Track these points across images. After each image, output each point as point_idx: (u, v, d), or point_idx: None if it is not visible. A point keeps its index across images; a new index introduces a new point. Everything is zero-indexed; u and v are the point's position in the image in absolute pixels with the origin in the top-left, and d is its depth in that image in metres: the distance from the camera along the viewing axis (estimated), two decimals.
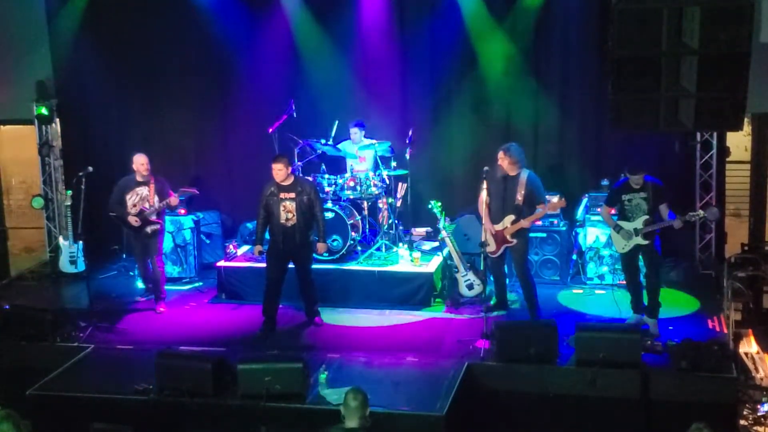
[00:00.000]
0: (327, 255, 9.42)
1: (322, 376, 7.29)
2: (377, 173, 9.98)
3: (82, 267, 10.33)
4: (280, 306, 8.95)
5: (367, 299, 9.49)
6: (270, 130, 10.04)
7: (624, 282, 8.93)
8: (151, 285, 9.76)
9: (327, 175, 10.05)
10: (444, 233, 9.46)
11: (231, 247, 10.35)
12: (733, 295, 8.94)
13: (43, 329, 8.53)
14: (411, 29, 10.78)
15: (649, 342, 7.91)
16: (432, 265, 9.67)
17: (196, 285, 10.48)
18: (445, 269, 9.73)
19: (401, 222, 10.37)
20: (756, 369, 7.91)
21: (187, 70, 11.43)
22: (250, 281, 9.70)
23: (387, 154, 10.24)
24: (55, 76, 11.56)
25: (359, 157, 10.31)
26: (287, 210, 8.65)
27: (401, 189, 10.28)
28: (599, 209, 9.37)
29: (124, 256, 10.87)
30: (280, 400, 7.05)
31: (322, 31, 10.89)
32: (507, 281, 9.17)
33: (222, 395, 7.24)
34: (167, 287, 9.86)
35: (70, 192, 10.72)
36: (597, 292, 9.75)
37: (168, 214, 10.12)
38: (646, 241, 8.35)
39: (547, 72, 10.55)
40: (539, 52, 10.53)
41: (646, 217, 8.31)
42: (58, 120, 11.71)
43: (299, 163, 10.13)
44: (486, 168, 8.57)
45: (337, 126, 10.29)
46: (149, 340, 8.64)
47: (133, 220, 9.30)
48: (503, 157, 8.56)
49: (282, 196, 8.66)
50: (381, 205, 10.11)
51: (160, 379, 7.36)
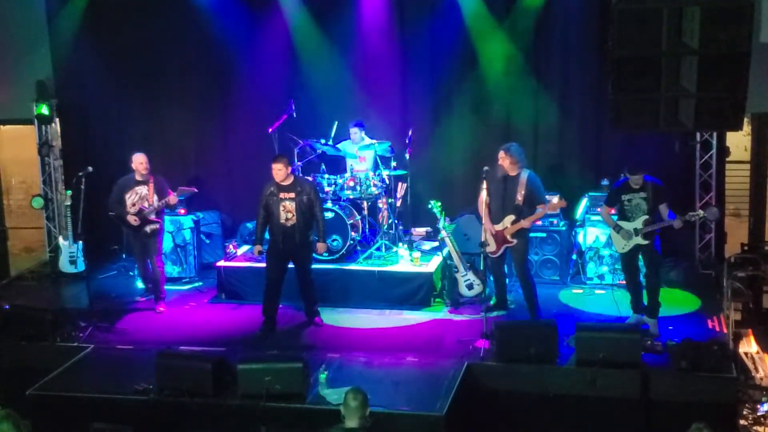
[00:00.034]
0: (327, 255, 9.42)
1: (322, 376, 7.29)
2: (377, 173, 9.98)
3: (82, 267, 10.32)
4: (280, 306, 8.94)
5: (367, 299, 9.49)
6: (270, 130, 10.04)
7: (624, 282, 8.93)
8: (151, 285, 9.76)
9: (327, 175, 10.04)
10: (444, 233, 9.46)
11: (231, 247, 10.34)
12: (732, 294, 8.94)
13: (43, 329, 8.53)
14: (411, 29, 10.78)
15: (649, 342, 7.90)
16: (432, 265, 9.68)
17: (196, 285, 10.48)
18: (445, 269, 9.72)
19: (401, 222, 10.37)
20: (756, 369, 7.91)
21: (187, 70, 11.44)
22: (250, 281, 9.70)
23: (387, 154, 10.24)
24: (55, 76, 11.55)
25: (359, 157, 10.31)
26: (287, 210, 8.64)
27: (401, 189, 10.29)
28: (599, 209, 9.37)
29: (123, 256, 10.86)
30: (280, 400, 7.04)
31: (322, 31, 10.88)
32: (507, 281, 9.17)
33: (222, 395, 7.24)
34: (167, 287, 9.86)
35: (69, 192, 10.72)
36: (597, 292, 9.74)
37: (168, 214, 10.13)
38: (645, 241, 8.35)
39: (547, 72, 10.55)
40: (539, 52, 10.53)
41: (646, 217, 8.30)
42: (57, 120, 11.70)
43: (299, 163, 10.13)
44: (486, 168, 8.56)
45: (337, 126, 10.28)
46: (149, 340, 8.64)
47: (132, 220, 9.30)
48: (504, 157, 8.56)
49: (282, 196, 8.65)
50: (381, 205, 10.11)
51: (160, 379, 7.36)
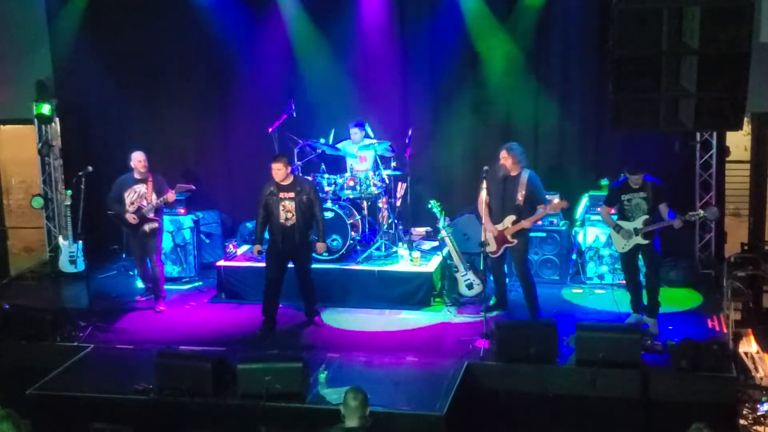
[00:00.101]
0: (327, 255, 9.42)
1: (322, 376, 7.29)
2: (377, 173, 9.98)
3: (81, 267, 10.32)
4: (280, 306, 8.94)
5: (366, 299, 9.49)
6: (270, 129, 10.04)
7: (624, 281, 8.94)
8: (151, 284, 9.76)
9: (327, 175, 10.04)
10: (444, 233, 9.46)
11: (231, 247, 10.34)
12: (732, 294, 8.93)
13: (43, 329, 8.53)
14: (411, 29, 10.77)
15: (648, 341, 7.90)
16: (432, 265, 9.67)
17: (196, 285, 10.48)
18: (445, 269, 9.72)
19: (401, 222, 10.37)
20: (756, 368, 7.91)
21: (187, 70, 11.43)
22: (250, 281, 9.70)
23: (387, 153, 10.24)
24: (55, 76, 11.54)
25: (359, 156, 10.31)
26: (286, 210, 8.64)
27: (401, 189, 10.28)
28: (599, 209, 9.37)
29: (123, 255, 10.86)
30: (280, 400, 7.05)
31: (322, 30, 10.87)
32: (507, 281, 9.17)
33: (222, 395, 7.24)
34: (167, 287, 9.86)
35: (69, 192, 10.72)
36: (597, 291, 9.75)
37: (168, 214, 10.14)
38: (645, 241, 8.35)
39: (547, 72, 10.54)
40: (539, 52, 10.52)
41: (646, 216, 8.30)
42: (57, 120, 11.70)
43: (299, 162, 10.13)
44: (486, 168, 8.55)
45: (335, 132, 10.32)
46: (149, 340, 8.64)
47: (131, 218, 9.30)
48: (506, 157, 8.54)
49: (281, 195, 8.65)
50: (381, 205, 10.11)
51: (160, 378, 7.36)
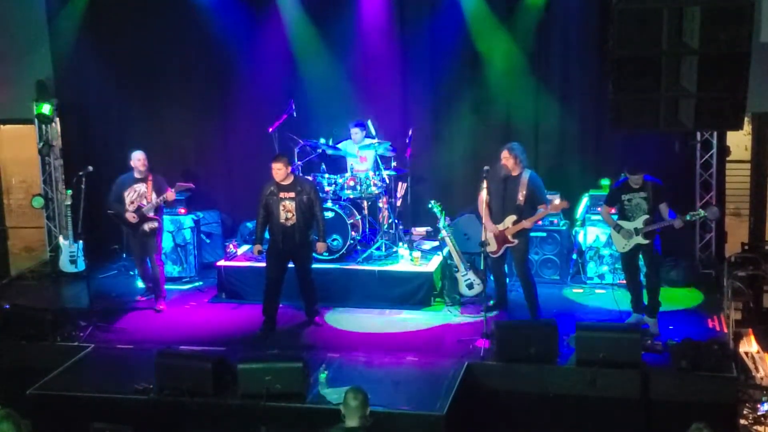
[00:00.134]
0: (327, 254, 9.42)
1: (322, 376, 7.30)
2: (377, 173, 9.98)
3: (82, 266, 10.32)
4: (280, 306, 8.94)
5: (367, 299, 9.49)
6: (270, 129, 10.04)
7: (624, 281, 8.94)
8: (151, 284, 9.76)
9: (327, 175, 10.04)
10: (444, 233, 9.46)
11: (231, 247, 10.34)
12: (733, 294, 8.93)
13: (43, 329, 8.53)
14: (411, 29, 10.76)
15: (649, 341, 7.91)
16: (432, 265, 9.67)
17: (196, 284, 10.48)
18: (445, 269, 9.72)
19: (401, 221, 10.37)
20: (756, 368, 7.91)
21: (187, 70, 11.43)
22: (250, 281, 9.70)
23: (387, 153, 10.23)
24: (55, 76, 11.54)
25: (360, 156, 10.31)
26: (287, 209, 8.64)
27: (401, 189, 10.28)
28: (599, 209, 9.37)
29: (124, 255, 10.86)
30: (280, 400, 7.05)
31: (322, 30, 10.86)
32: (507, 281, 9.17)
33: (222, 395, 7.24)
34: (167, 287, 9.86)
35: (70, 191, 10.72)
36: (597, 291, 9.75)
37: (168, 214, 10.14)
38: (646, 241, 8.35)
39: (547, 72, 10.53)
40: (540, 51, 10.51)
41: (647, 216, 8.30)
42: (58, 119, 11.70)
43: (299, 162, 10.13)
44: (486, 167, 8.53)
45: (334, 132, 10.32)
46: (149, 340, 8.64)
47: (131, 217, 9.30)
48: (508, 156, 8.53)
49: (281, 195, 8.65)
50: (381, 205, 10.11)
51: (160, 378, 7.36)
